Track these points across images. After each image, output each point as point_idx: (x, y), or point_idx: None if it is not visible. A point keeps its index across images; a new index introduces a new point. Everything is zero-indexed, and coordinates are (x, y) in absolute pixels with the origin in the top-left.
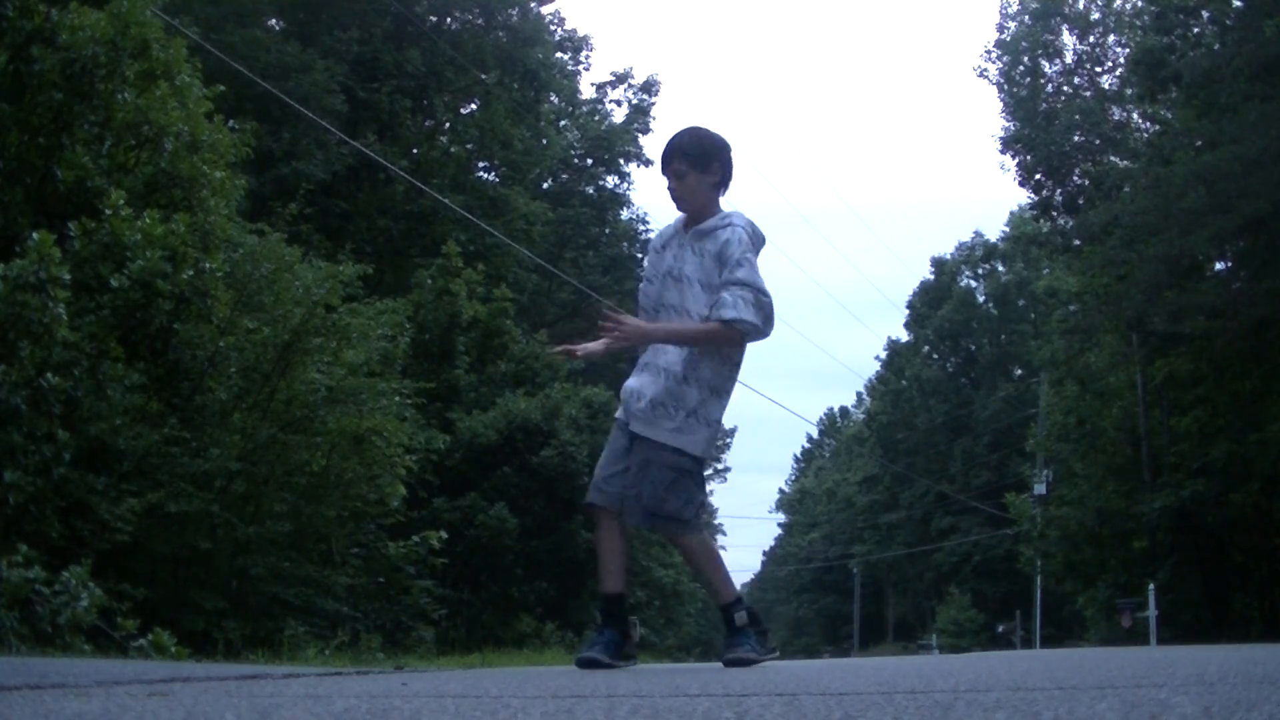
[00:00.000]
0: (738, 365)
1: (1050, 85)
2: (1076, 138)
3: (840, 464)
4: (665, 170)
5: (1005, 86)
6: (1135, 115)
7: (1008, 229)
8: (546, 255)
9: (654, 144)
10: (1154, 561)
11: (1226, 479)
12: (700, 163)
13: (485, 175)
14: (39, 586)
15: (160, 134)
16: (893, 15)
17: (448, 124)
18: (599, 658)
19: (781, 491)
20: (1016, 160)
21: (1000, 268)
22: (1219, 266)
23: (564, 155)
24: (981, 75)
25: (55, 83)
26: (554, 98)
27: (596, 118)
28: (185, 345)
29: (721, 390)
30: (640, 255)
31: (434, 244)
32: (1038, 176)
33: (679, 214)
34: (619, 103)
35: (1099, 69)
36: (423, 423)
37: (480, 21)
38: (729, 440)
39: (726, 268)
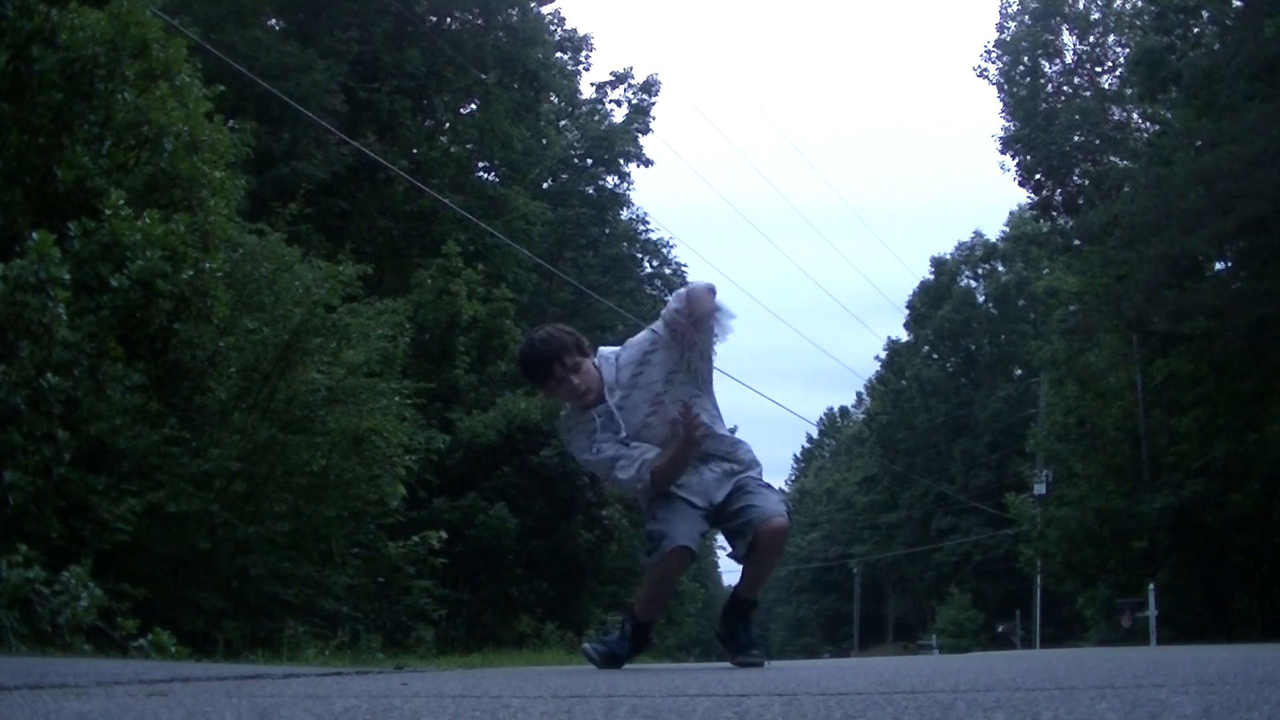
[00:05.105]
0: None
1: (1050, 85)
2: (1076, 138)
3: (840, 464)
4: (548, 379)
5: (1005, 86)
6: (1135, 115)
7: (1008, 229)
8: (546, 255)
9: (654, 144)
10: (1154, 561)
11: (1226, 479)
12: (579, 346)
13: (485, 175)
14: (39, 586)
15: (160, 134)
16: (893, 16)
17: (448, 124)
18: (619, 651)
19: (781, 491)
20: (1016, 160)
21: (1000, 268)
22: (1219, 266)
23: (564, 155)
24: (981, 75)
25: (55, 83)
26: (554, 98)
27: (596, 118)
28: (185, 345)
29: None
30: (640, 255)
31: (434, 244)
32: (1038, 176)
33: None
34: (619, 103)
35: (1099, 69)
36: (423, 423)
37: (480, 21)
38: None
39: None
